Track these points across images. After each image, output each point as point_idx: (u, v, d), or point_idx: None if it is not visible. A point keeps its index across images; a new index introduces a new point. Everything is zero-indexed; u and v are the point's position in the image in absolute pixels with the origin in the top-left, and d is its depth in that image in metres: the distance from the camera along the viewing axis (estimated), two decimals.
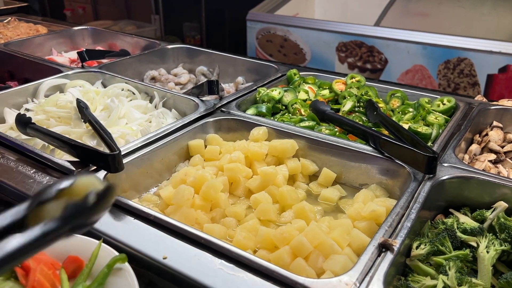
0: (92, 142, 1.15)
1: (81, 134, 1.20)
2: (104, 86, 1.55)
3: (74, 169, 0.97)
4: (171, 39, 4.74)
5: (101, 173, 0.96)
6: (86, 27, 2.24)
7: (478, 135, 1.28)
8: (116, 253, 0.77)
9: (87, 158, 0.98)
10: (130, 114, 1.34)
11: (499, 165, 1.16)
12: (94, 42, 2.21)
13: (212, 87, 1.30)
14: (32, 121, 1.16)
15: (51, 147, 1.12)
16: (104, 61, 1.80)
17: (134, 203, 0.87)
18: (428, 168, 0.93)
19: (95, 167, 0.98)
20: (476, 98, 1.39)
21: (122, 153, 1.04)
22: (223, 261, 0.75)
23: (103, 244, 0.78)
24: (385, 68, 2.74)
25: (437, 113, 1.30)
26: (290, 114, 1.37)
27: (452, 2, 3.12)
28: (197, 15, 4.52)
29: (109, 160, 0.93)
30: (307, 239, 0.81)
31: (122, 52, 1.91)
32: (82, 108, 1.24)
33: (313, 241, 0.81)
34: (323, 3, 3.70)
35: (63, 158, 1.04)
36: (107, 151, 0.98)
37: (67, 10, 5.54)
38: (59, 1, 5.66)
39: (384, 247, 0.75)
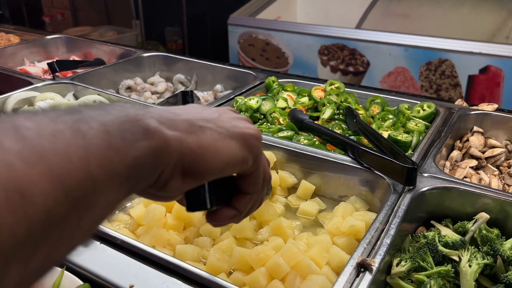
0: None
1: None
2: (76, 98, 1.49)
3: None
4: (153, 44, 4.68)
5: None
6: (60, 35, 2.18)
7: (459, 141, 1.26)
8: (80, 282, 0.73)
9: None
10: None
11: (481, 171, 1.14)
12: (68, 51, 2.14)
13: (186, 97, 1.26)
14: None
15: None
16: (79, 71, 1.74)
17: (100, 225, 0.83)
18: (408, 179, 0.90)
19: None
20: (456, 103, 1.38)
21: None
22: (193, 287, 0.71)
23: (66, 272, 0.73)
24: (368, 71, 2.73)
25: (417, 119, 1.27)
26: (268, 124, 1.34)
27: (433, 3, 3.12)
28: (178, 19, 4.46)
29: None
30: (284, 259, 0.77)
31: (97, 61, 1.85)
32: None
33: (290, 262, 0.78)
34: (305, 6, 3.69)
35: None
36: None
37: (46, 16, 5.43)
38: (37, 7, 5.55)
39: (362, 267, 0.72)
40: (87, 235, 0.37)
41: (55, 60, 1.68)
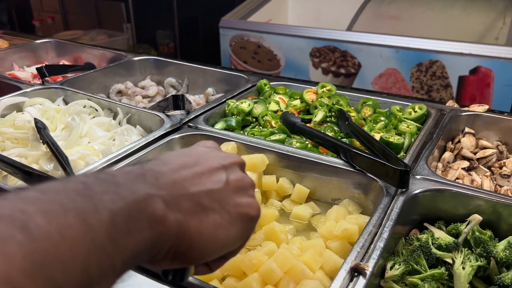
0: (49, 165, 1.08)
1: (38, 157, 1.13)
2: (66, 103, 1.47)
3: None
4: (144, 48, 4.66)
5: None
6: (50, 39, 2.16)
7: (450, 142, 1.26)
8: None
9: None
10: (93, 132, 1.27)
11: (473, 172, 1.14)
12: (58, 55, 2.12)
13: (177, 102, 1.25)
14: None
15: (4, 173, 1.05)
16: (69, 75, 1.72)
17: None
18: (401, 182, 0.90)
19: None
20: (447, 104, 1.38)
21: None
22: None
23: None
24: (359, 73, 2.74)
25: (409, 121, 1.27)
26: (260, 127, 1.33)
27: (423, 5, 3.14)
28: (170, 23, 4.45)
29: None
30: (277, 265, 0.77)
31: (87, 66, 1.83)
32: (40, 129, 1.17)
33: (283, 267, 0.77)
34: (296, 9, 3.70)
35: (17, 185, 0.97)
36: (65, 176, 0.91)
37: (36, 20, 5.39)
38: (27, 11, 5.51)
39: (356, 271, 0.71)
40: None
41: (44, 65, 1.65)
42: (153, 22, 4.61)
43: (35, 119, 1.23)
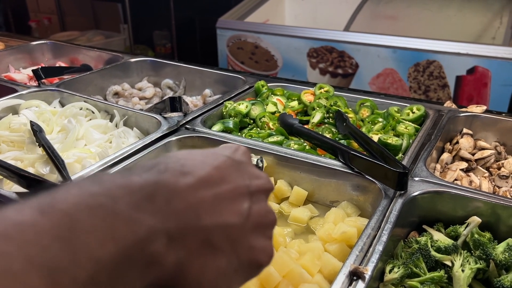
0: (45, 169, 1.08)
1: (34, 160, 1.12)
2: (62, 105, 1.46)
3: None
4: (141, 49, 4.65)
5: None
6: (46, 41, 2.14)
7: (449, 143, 1.26)
8: None
9: (36, 189, 0.90)
10: (89, 135, 1.26)
11: (471, 174, 1.14)
12: (54, 57, 2.11)
13: (174, 103, 1.24)
14: None
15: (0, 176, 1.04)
16: (65, 77, 1.71)
17: None
18: (399, 184, 0.89)
19: None
20: (445, 105, 1.38)
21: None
22: None
23: None
24: (356, 73, 2.74)
25: (407, 122, 1.27)
26: (258, 129, 1.32)
27: (420, 5, 3.15)
28: (167, 23, 4.44)
29: None
30: (275, 268, 0.76)
31: (83, 67, 1.82)
32: (36, 132, 1.16)
33: (282, 271, 0.76)
34: (293, 9, 3.69)
35: (12, 189, 0.96)
36: (61, 179, 0.91)
37: (32, 21, 5.37)
38: (24, 12, 5.48)
39: (355, 275, 0.71)
40: None
41: (40, 66, 1.64)
42: (150, 23, 4.60)
43: (31, 121, 1.22)
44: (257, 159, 0.79)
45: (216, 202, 0.39)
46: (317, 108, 1.36)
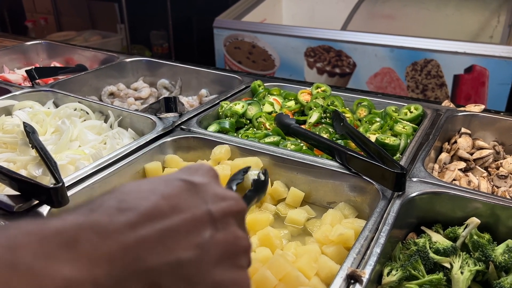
0: (37, 171, 1.06)
1: (27, 162, 1.10)
2: (56, 106, 1.45)
3: (14, 204, 0.88)
4: (138, 48, 4.63)
5: (45, 208, 0.87)
6: (41, 41, 2.13)
7: (447, 143, 1.25)
8: None
9: (28, 192, 0.89)
10: (83, 136, 1.24)
11: (469, 173, 1.13)
12: (49, 57, 2.09)
13: (169, 104, 1.23)
14: None
15: None
16: (60, 77, 1.69)
17: None
18: (397, 185, 0.88)
19: (37, 202, 0.89)
20: (443, 104, 1.37)
21: (70, 183, 0.96)
22: None
23: None
24: (354, 72, 2.73)
25: (405, 122, 1.26)
26: (254, 129, 1.31)
27: (417, 4, 3.14)
28: (164, 23, 4.42)
29: (51, 194, 0.84)
30: (272, 272, 0.75)
31: (78, 68, 1.80)
32: (29, 133, 1.15)
33: (278, 274, 0.75)
34: (290, 8, 3.68)
35: (3, 192, 0.95)
36: (53, 181, 0.89)
37: (29, 21, 5.34)
38: (20, 12, 5.45)
39: (352, 279, 0.69)
40: None
41: (33, 67, 1.62)
42: (147, 23, 4.58)
43: (24, 123, 1.20)
44: (259, 172, 0.72)
45: (164, 238, 0.33)
46: (314, 108, 1.34)
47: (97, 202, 0.35)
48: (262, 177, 0.71)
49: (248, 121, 1.35)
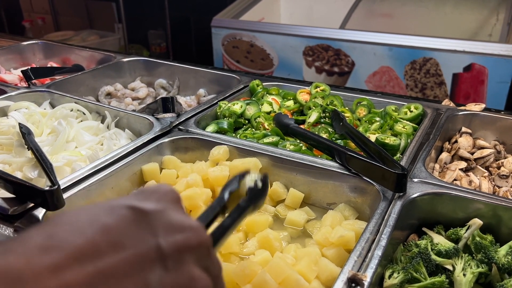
0: (33, 173, 1.04)
1: (22, 164, 1.08)
2: (53, 106, 1.43)
3: (9, 207, 0.86)
4: (136, 48, 4.61)
5: (40, 211, 0.86)
6: (37, 41, 2.11)
7: (447, 143, 1.23)
8: None
9: (23, 195, 0.87)
10: (80, 137, 1.23)
11: (470, 173, 1.12)
12: (46, 57, 2.07)
13: (166, 104, 1.21)
14: None
15: None
16: (57, 77, 1.68)
17: None
18: (398, 186, 0.87)
19: (33, 204, 0.87)
20: (443, 103, 1.35)
21: (67, 185, 0.94)
22: None
23: None
24: (353, 71, 2.71)
25: (405, 121, 1.25)
26: (253, 129, 1.30)
27: (415, 3, 3.12)
28: (161, 22, 4.40)
29: (46, 196, 0.82)
30: (271, 275, 0.73)
31: (75, 68, 1.78)
32: (25, 134, 1.13)
33: (277, 277, 0.74)
34: (288, 7, 3.66)
35: None
36: (49, 184, 0.88)
37: (26, 21, 5.31)
38: (17, 12, 5.43)
39: (353, 282, 0.68)
40: None
41: (29, 67, 1.61)
42: (145, 22, 4.56)
43: (19, 124, 1.18)
44: (256, 179, 0.62)
45: (95, 283, 0.27)
46: (313, 108, 1.33)
47: (20, 238, 0.29)
48: (260, 184, 0.61)
49: (246, 121, 1.33)
